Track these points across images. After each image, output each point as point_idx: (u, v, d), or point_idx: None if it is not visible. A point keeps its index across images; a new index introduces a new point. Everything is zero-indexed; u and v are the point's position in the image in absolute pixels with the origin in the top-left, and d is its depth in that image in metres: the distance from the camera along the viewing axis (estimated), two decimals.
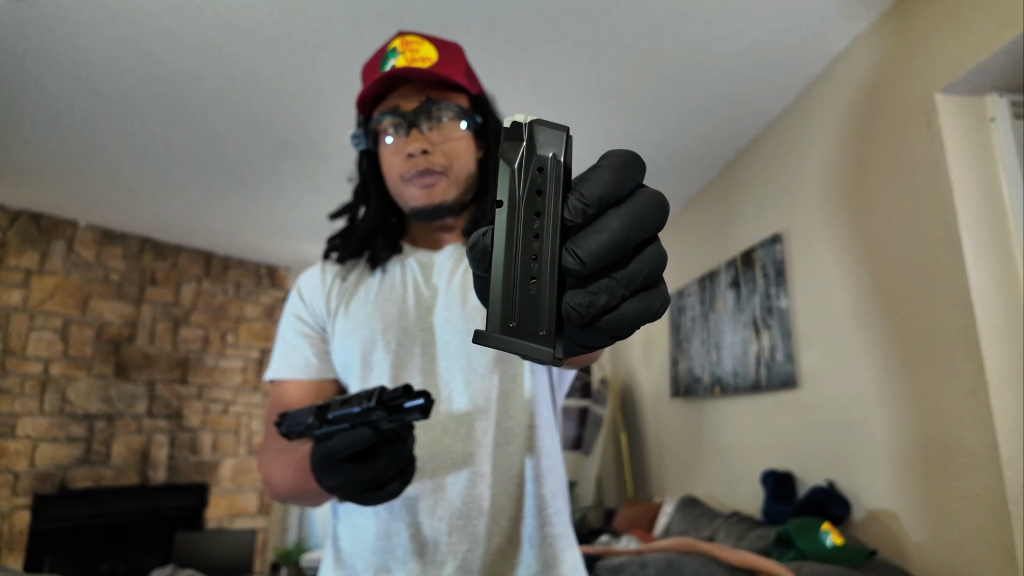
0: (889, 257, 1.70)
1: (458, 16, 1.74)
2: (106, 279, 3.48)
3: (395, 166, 0.75)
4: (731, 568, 1.45)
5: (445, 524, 0.68)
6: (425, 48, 0.75)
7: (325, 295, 0.80)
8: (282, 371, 0.78)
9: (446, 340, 0.73)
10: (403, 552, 0.68)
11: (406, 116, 0.73)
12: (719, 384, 2.68)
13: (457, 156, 0.75)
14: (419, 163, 0.73)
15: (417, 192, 0.74)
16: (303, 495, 0.67)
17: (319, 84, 2.08)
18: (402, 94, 0.74)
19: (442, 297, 0.75)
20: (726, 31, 1.81)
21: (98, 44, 1.85)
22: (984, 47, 1.40)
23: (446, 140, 0.74)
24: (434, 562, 0.67)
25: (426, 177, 0.73)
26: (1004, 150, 1.50)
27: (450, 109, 0.74)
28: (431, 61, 0.74)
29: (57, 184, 2.89)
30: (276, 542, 4.09)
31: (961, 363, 1.45)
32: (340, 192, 3.01)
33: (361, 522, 0.71)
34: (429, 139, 0.73)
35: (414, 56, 0.74)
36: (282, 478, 0.69)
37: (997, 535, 1.36)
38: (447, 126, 0.74)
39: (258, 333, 4.19)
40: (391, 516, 0.69)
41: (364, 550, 0.70)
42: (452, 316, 0.74)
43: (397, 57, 0.74)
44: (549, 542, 0.71)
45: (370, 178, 0.81)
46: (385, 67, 0.74)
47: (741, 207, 2.61)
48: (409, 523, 0.68)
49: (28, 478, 3.05)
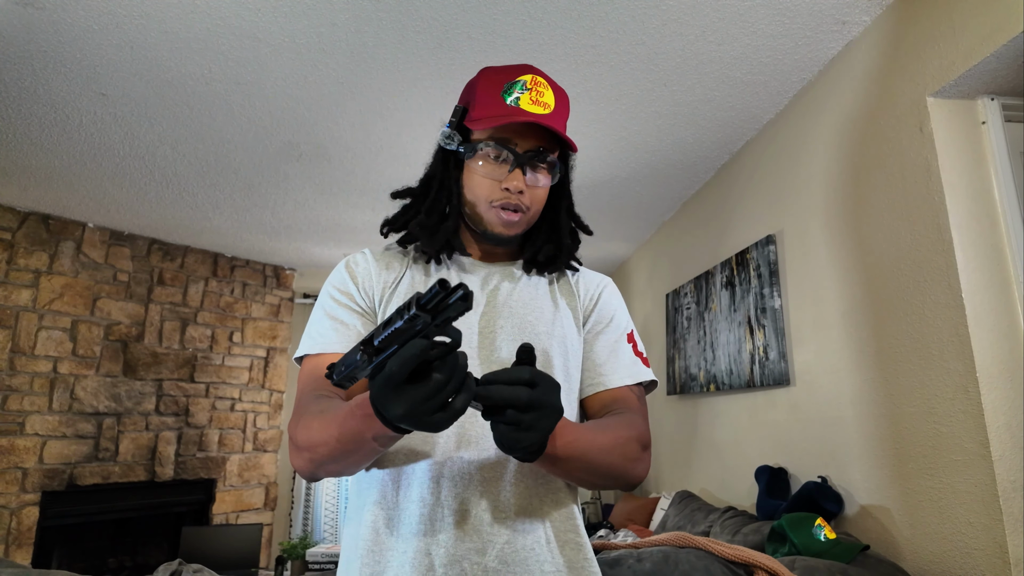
0: (881, 258, 1.73)
1: (459, 22, 1.77)
2: (114, 279, 3.53)
3: (485, 187, 0.80)
4: (726, 562, 1.47)
5: (488, 515, 0.72)
6: (548, 95, 0.80)
7: (382, 283, 0.83)
8: (332, 345, 0.77)
9: (499, 347, 0.79)
10: (447, 537, 0.71)
11: (519, 156, 0.79)
12: (714, 382, 2.71)
13: (539, 201, 0.82)
14: (511, 199, 0.79)
15: (498, 223, 0.81)
16: (355, 446, 0.64)
17: (323, 88, 2.11)
18: (517, 130, 0.79)
19: (500, 308, 0.81)
20: (721, 36, 1.83)
21: (105, 48, 1.88)
22: (976, 51, 1.42)
23: (536, 186, 0.81)
24: (475, 549, 0.71)
25: (512, 213, 0.80)
26: (995, 153, 1.52)
27: (550, 163, 0.81)
28: (550, 108, 0.80)
29: (65, 186, 2.94)
30: (281, 536, 4.14)
31: (952, 361, 1.48)
32: (344, 194, 3.05)
33: (406, 506, 0.73)
34: (526, 181, 0.80)
35: (538, 99, 0.79)
36: (326, 436, 0.66)
37: (988, 531, 1.38)
38: (540, 173, 0.81)
39: (264, 332, 4.24)
40: (443, 498, 0.72)
41: (408, 531, 0.72)
42: (507, 326, 0.80)
43: (524, 93, 0.79)
44: (573, 547, 0.76)
45: (453, 181, 0.84)
46: (509, 96, 0.79)
47: (736, 209, 2.63)
48: (455, 510, 0.72)
49: (37, 475, 3.10)
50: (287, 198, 3.11)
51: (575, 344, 0.84)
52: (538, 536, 0.74)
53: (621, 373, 0.84)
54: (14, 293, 3.13)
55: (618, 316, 0.88)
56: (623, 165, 2.74)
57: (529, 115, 0.77)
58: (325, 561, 3.21)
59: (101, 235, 3.50)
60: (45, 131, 2.40)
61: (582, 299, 0.88)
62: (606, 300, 0.89)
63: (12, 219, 3.16)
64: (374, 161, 2.68)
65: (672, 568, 1.42)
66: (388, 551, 0.73)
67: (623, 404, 0.82)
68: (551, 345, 0.80)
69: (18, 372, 3.10)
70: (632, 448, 0.75)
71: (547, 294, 0.86)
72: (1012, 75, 1.46)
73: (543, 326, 0.81)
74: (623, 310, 0.90)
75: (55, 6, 1.69)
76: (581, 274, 0.91)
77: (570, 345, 0.83)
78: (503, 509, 0.73)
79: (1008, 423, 1.39)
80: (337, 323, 0.79)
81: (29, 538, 3.03)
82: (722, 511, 2.29)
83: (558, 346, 0.81)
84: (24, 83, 2.07)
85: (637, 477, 0.77)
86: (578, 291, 0.89)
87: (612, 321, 0.87)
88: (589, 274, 0.92)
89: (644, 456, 0.77)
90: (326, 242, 3.85)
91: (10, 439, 3.03)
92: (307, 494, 4.25)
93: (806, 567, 1.49)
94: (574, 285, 0.89)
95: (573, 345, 0.83)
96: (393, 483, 0.75)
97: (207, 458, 3.83)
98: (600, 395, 0.83)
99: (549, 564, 0.73)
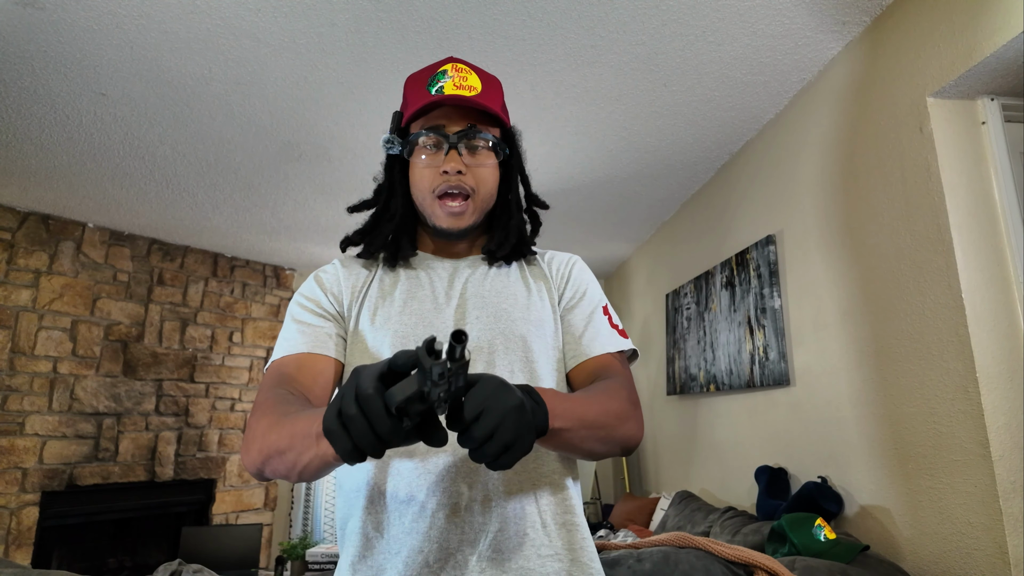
0: (881, 258, 1.73)
1: (459, 21, 1.77)
2: (114, 279, 3.53)
3: (427, 178, 0.81)
4: (726, 562, 1.47)
5: (479, 504, 0.72)
6: (472, 78, 0.82)
7: (349, 288, 0.84)
8: (298, 346, 0.78)
9: (477, 337, 0.79)
10: (438, 532, 0.71)
11: (449, 137, 0.80)
12: (714, 382, 2.71)
13: (485, 181, 0.82)
14: (451, 181, 0.80)
15: (443, 215, 0.81)
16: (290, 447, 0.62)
17: (323, 88, 2.12)
18: (446, 115, 0.81)
19: (472, 300, 0.82)
20: (721, 36, 1.84)
21: (105, 48, 1.88)
22: (975, 51, 1.43)
23: (479, 165, 0.81)
24: (467, 540, 0.71)
25: (456, 200, 0.80)
26: (995, 153, 1.52)
27: (487, 138, 0.81)
28: (476, 91, 0.81)
29: (65, 186, 2.94)
30: (281, 537, 4.14)
31: (952, 362, 1.48)
32: (344, 194, 3.05)
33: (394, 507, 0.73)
34: (464, 162, 0.80)
35: (462, 83, 0.81)
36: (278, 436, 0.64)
37: (988, 531, 1.38)
38: (482, 153, 0.82)
39: (264, 332, 4.24)
40: (429, 494, 0.72)
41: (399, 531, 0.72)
42: (483, 316, 0.80)
43: (447, 80, 0.81)
44: (570, 528, 0.76)
45: (398, 182, 0.86)
46: (433, 87, 0.81)
47: (735, 209, 2.64)
48: (445, 503, 0.71)
49: (37, 475, 3.10)
50: (287, 198, 3.11)
51: (552, 325, 0.84)
52: (532, 520, 0.73)
53: (602, 341, 0.84)
54: (14, 293, 3.13)
55: (591, 290, 0.89)
56: (623, 165, 2.74)
57: (450, 97, 0.78)
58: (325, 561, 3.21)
59: (101, 235, 3.50)
60: (45, 131, 2.40)
61: (554, 278, 0.89)
62: (576, 276, 0.90)
63: (12, 219, 3.16)
64: (374, 161, 2.68)
65: (672, 568, 1.42)
66: (380, 555, 0.72)
67: (607, 371, 0.82)
68: (528, 330, 0.81)
69: (18, 372, 3.10)
70: (623, 407, 0.75)
71: (519, 279, 0.87)
72: (1012, 75, 1.46)
73: (518, 312, 0.82)
74: (595, 284, 0.91)
75: (55, 6, 1.69)
76: (552, 255, 0.93)
77: (547, 327, 0.83)
78: (492, 497, 0.73)
79: (1008, 423, 1.39)
80: (303, 325, 0.80)
81: (29, 538, 3.02)
82: (722, 511, 2.29)
83: (535, 330, 0.81)
84: (24, 83, 2.07)
85: (634, 437, 0.76)
86: (550, 272, 0.90)
87: (585, 295, 0.88)
88: (558, 255, 0.93)
89: (636, 414, 0.77)
90: (326, 242, 3.85)
91: (10, 439, 3.03)
92: (307, 494, 4.25)
93: (806, 567, 1.49)
94: (546, 267, 0.90)
95: (550, 326, 0.84)
96: (378, 487, 0.74)
97: (207, 458, 3.83)
98: (583, 365, 0.83)
99: (547, 548, 0.73)
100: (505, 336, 0.79)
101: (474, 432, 0.54)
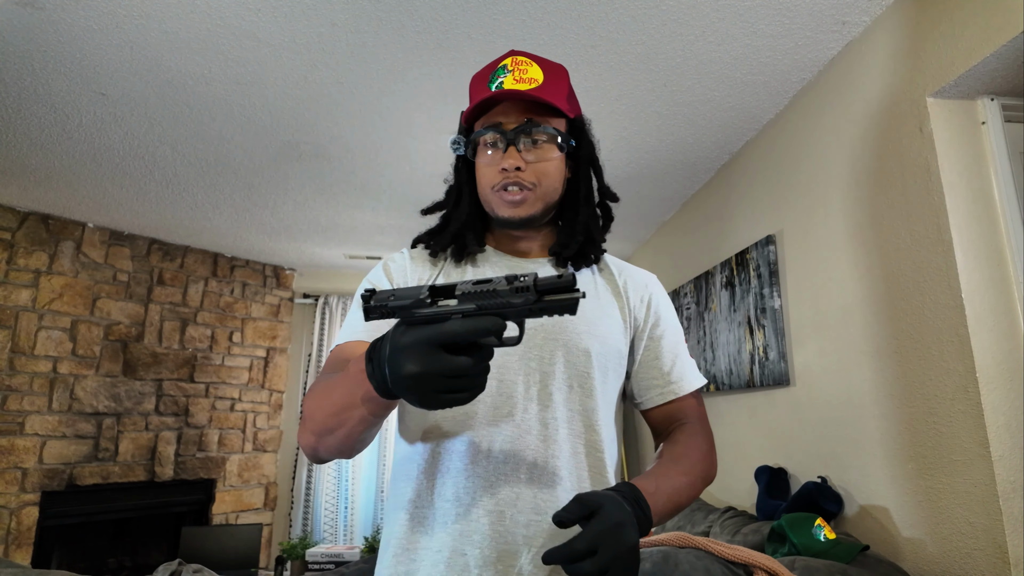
0: (881, 258, 1.73)
1: (459, 21, 1.77)
2: (114, 279, 3.53)
3: (488, 176, 0.81)
4: (726, 562, 1.47)
5: (524, 516, 0.71)
6: (533, 70, 0.80)
7: (416, 279, 0.84)
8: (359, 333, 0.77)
9: (538, 344, 0.78)
10: (480, 538, 0.70)
11: (506, 134, 0.78)
12: (714, 382, 2.71)
13: (547, 175, 0.81)
14: (510, 177, 0.79)
15: (501, 204, 0.80)
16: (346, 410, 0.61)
17: (323, 88, 2.11)
18: (505, 112, 0.79)
19: None
20: (721, 36, 1.83)
21: (105, 48, 1.88)
22: (975, 51, 1.42)
23: (539, 160, 0.80)
24: (510, 552, 0.70)
25: (514, 192, 0.79)
26: (995, 153, 1.51)
27: (546, 132, 0.79)
28: (537, 83, 0.79)
29: (65, 186, 2.94)
30: (281, 536, 4.14)
31: (952, 362, 1.48)
32: (344, 194, 3.05)
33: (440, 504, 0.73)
34: (524, 157, 0.79)
35: (522, 76, 0.79)
36: (324, 401, 0.65)
37: (988, 531, 1.38)
38: (542, 147, 0.80)
39: (264, 332, 4.24)
40: (472, 502, 0.71)
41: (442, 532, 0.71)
42: (545, 322, 0.79)
43: (506, 75, 0.80)
44: None
45: (464, 182, 0.86)
46: (493, 84, 0.79)
47: (735, 209, 2.64)
48: (490, 511, 0.71)
49: (36, 475, 3.10)
50: (287, 198, 3.11)
51: (619, 344, 0.82)
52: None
53: (690, 379, 0.84)
54: (14, 293, 3.13)
55: (673, 317, 0.88)
56: (623, 165, 2.74)
57: (505, 92, 0.77)
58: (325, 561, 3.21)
59: (101, 235, 3.50)
60: (45, 131, 2.40)
61: (631, 301, 0.86)
62: (657, 299, 0.88)
63: (12, 219, 3.16)
64: (374, 161, 2.68)
65: (672, 568, 1.42)
66: (422, 549, 0.72)
67: (688, 412, 0.82)
68: (592, 345, 0.79)
69: (18, 372, 3.10)
70: (706, 458, 0.77)
71: (591, 290, 0.85)
72: (1012, 75, 1.46)
73: (583, 324, 0.80)
74: (672, 310, 0.90)
75: (55, 6, 1.69)
76: (623, 267, 0.91)
77: (612, 344, 0.81)
78: (539, 511, 0.72)
79: (1008, 423, 1.39)
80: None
81: (29, 538, 3.02)
82: (722, 511, 2.29)
83: (599, 346, 0.79)
84: (24, 83, 2.07)
85: (712, 477, 0.79)
86: (626, 293, 0.87)
87: (670, 323, 0.87)
88: (632, 270, 0.91)
89: (713, 452, 0.79)
90: (326, 242, 3.85)
91: (10, 439, 3.03)
92: (307, 494, 4.25)
93: (806, 567, 1.49)
94: (622, 286, 0.87)
95: (617, 344, 0.82)
96: (428, 480, 0.74)
97: (207, 458, 3.83)
98: (671, 404, 0.83)
99: None
100: (567, 348, 0.78)
101: (585, 567, 0.55)
